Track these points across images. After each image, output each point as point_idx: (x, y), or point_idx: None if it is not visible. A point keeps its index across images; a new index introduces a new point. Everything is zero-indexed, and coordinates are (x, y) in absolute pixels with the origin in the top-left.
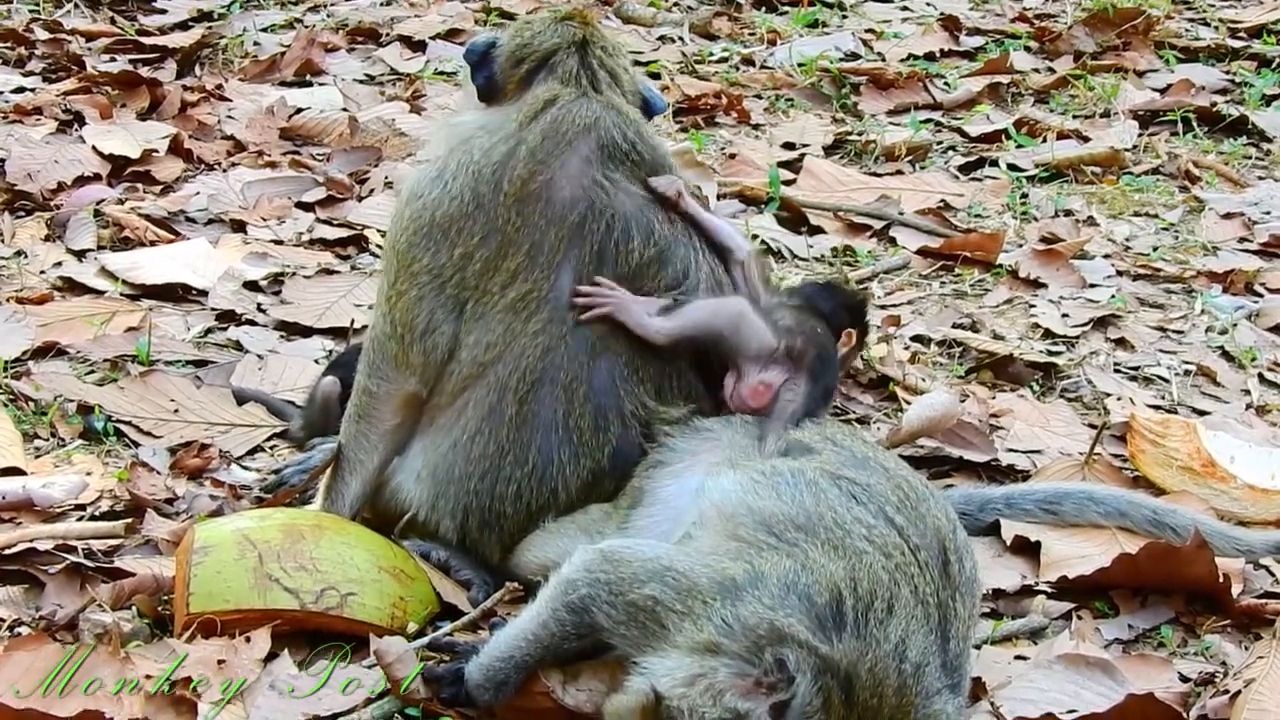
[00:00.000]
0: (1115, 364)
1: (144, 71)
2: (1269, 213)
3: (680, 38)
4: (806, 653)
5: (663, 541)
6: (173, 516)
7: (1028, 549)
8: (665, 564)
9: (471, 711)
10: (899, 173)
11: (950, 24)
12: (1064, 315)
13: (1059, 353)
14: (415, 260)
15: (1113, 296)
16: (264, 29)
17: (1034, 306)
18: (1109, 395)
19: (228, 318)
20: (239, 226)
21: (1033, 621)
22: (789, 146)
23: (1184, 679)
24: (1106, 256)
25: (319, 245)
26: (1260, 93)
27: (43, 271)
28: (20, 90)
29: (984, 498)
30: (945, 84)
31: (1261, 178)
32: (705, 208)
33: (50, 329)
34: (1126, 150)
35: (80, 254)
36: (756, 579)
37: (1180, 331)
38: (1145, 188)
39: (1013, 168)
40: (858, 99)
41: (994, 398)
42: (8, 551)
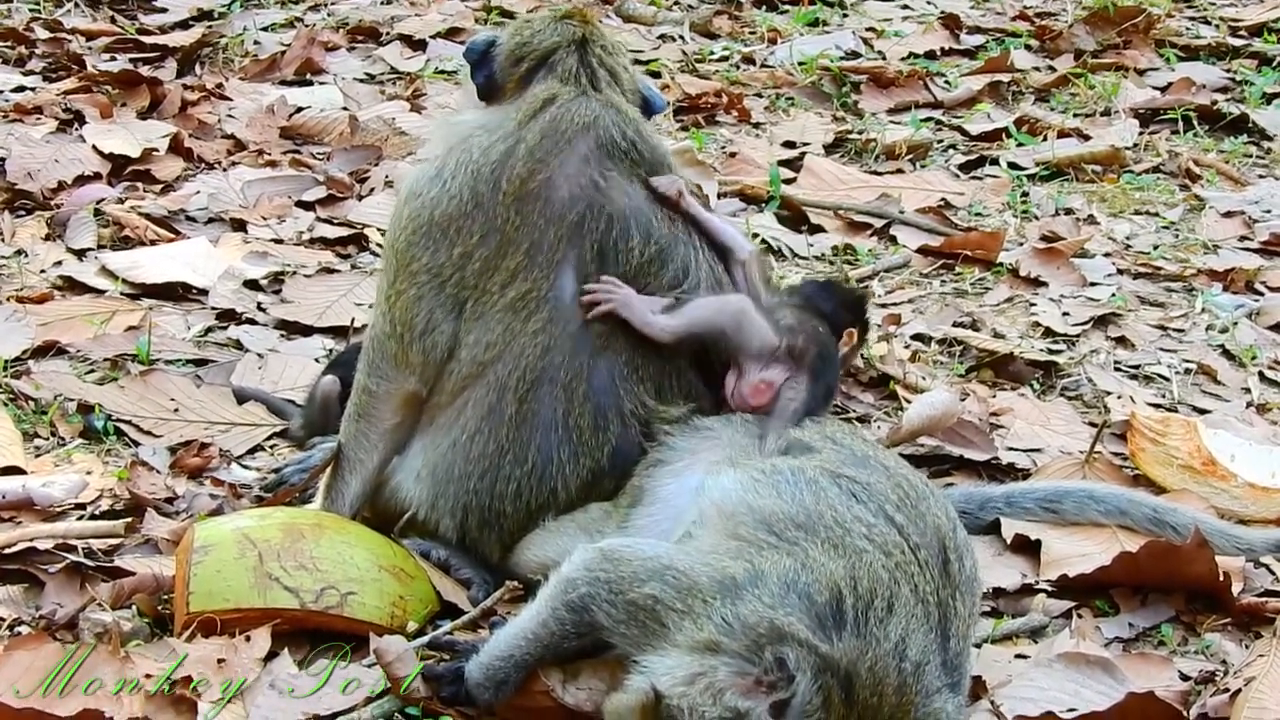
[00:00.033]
0: (1116, 362)
1: (144, 70)
2: (1269, 211)
3: (681, 36)
4: (806, 651)
5: (663, 540)
6: (173, 515)
7: (1028, 547)
8: (665, 563)
9: (471, 710)
10: (899, 171)
11: (951, 22)
12: (1064, 314)
13: (1059, 351)
14: (414, 259)
15: (1113, 295)
16: (264, 28)
17: (1034, 305)
18: (1109, 394)
19: (228, 317)
20: (239, 225)
21: (1033, 620)
22: (789, 145)
23: (1184, 677)
24: (1107, 255)
25: (319, 244)
26: (1261, 91)
27: (43, 271)
28: (20, 89)
29: (984, 496)
30: (946, 82)
31: (1262, 176)
32: (706, 206)
33: (50, 328)
34: (1127, 148)
35: (80, 253)
36: (756, 578)
37: (1181, 330)
38: (1146, 186)
39: (1013, 166)
40: (858, 97)
41: (994, 396)
42: (8, 551)
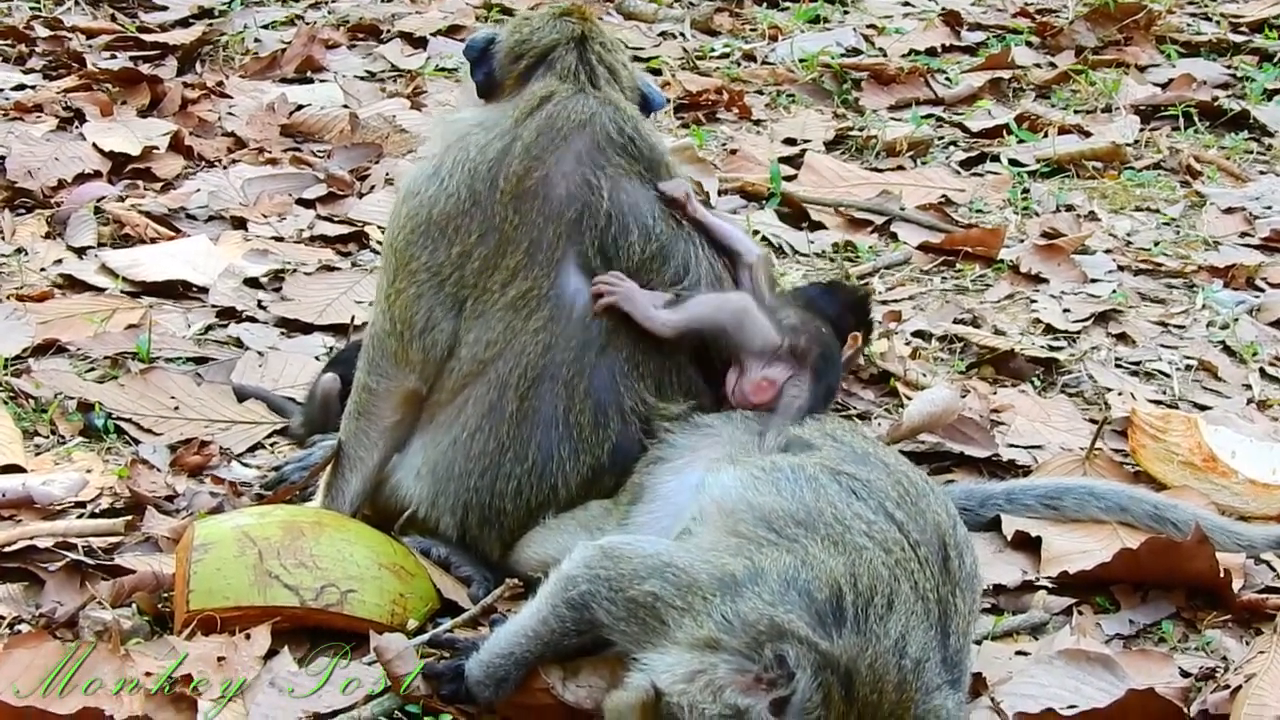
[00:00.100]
0: (1116, 359)
1: (144, 68)
2: (1270, 207)
3: (681, 33)
4: (806, 649)
5: (663, 538)
6: (173, 514)
7: (1028, 544)
8: (665, 560)
9: (472, 708)
10: (900, 168)
11: (951, 19)
12: (1065, 310)
13: (1060, 348)
14: (414, 258)
15: (1114, 291)
16: (265, 26)
17: (1035, 302)
18: (1110, 390)
19: (228, 315)
20: (239, 223)
21: (1033, 617)
22: (790, 142)
23: (1185, 674)
24: (1108, 251)
25: (320, 242)
26: (1261, 87)
27: (43, 269)
28: (21, 87)
29: (985, 493)
30: (946, 79)
31: (1263, 172)
32: (707, 204)
33: (50, 326)
34: (1128, 145)
35: (81, 251)
36: (756, 575)
37: (1181, 326)
38: (1146, 183)
39: (1014, 163)
40: (859, 94)
41: (995, 393)
42: (8, 549)
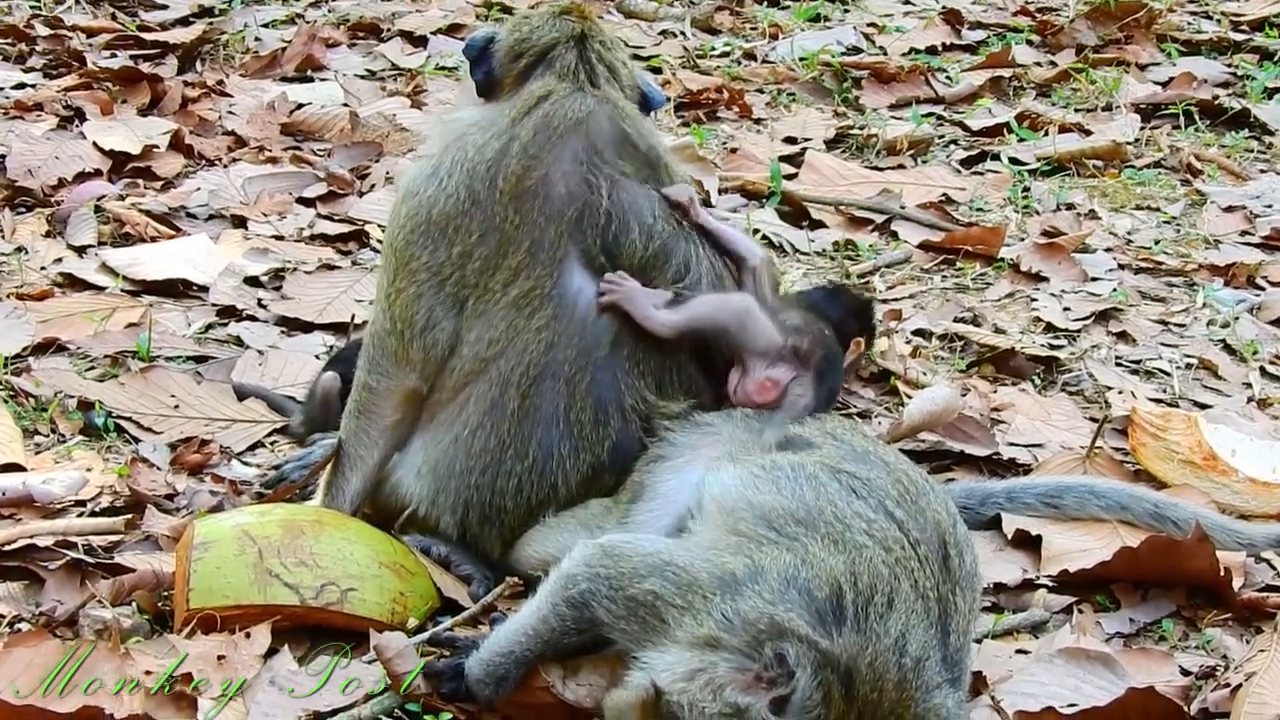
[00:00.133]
0: (1117, 357)
1: (145, 67)
2: (1270, 206)
3: (682, 32)
4: (806, 647)
5: (663, 536)
6: (173, 512)
7: (1029, 543)
8: (665, 559)
9: (471, 706)
10: (900, 167)
11: (952, 18)
12: (1065, 309)
13: (1060, 346)
14: (414, 258)
15: (1114, 290)
16: (265, 24)
17: (1035, 300)
18: (1110, 389)
19: (228, 313)
20: (240, 222)
21: (1034, 615)
22: (790, 141)
23: (1185, 672)
24: (1108, 250)
25: (320, 241)
26: (1262, 86)
27: (43, 268)
28: (21, 86)
29: (985, 492)
30: (947, 78)
31: (1263, 171)
32: (707, 203)
33: (51, 325)
34: (1128, 144)
35: (81, 250)
36: (756, 573)
37: (1182, 325)
38: (1147, 181)
39: (1014, 161)
40: (859, 93)
41: (995, 391)
42: (8, 548)
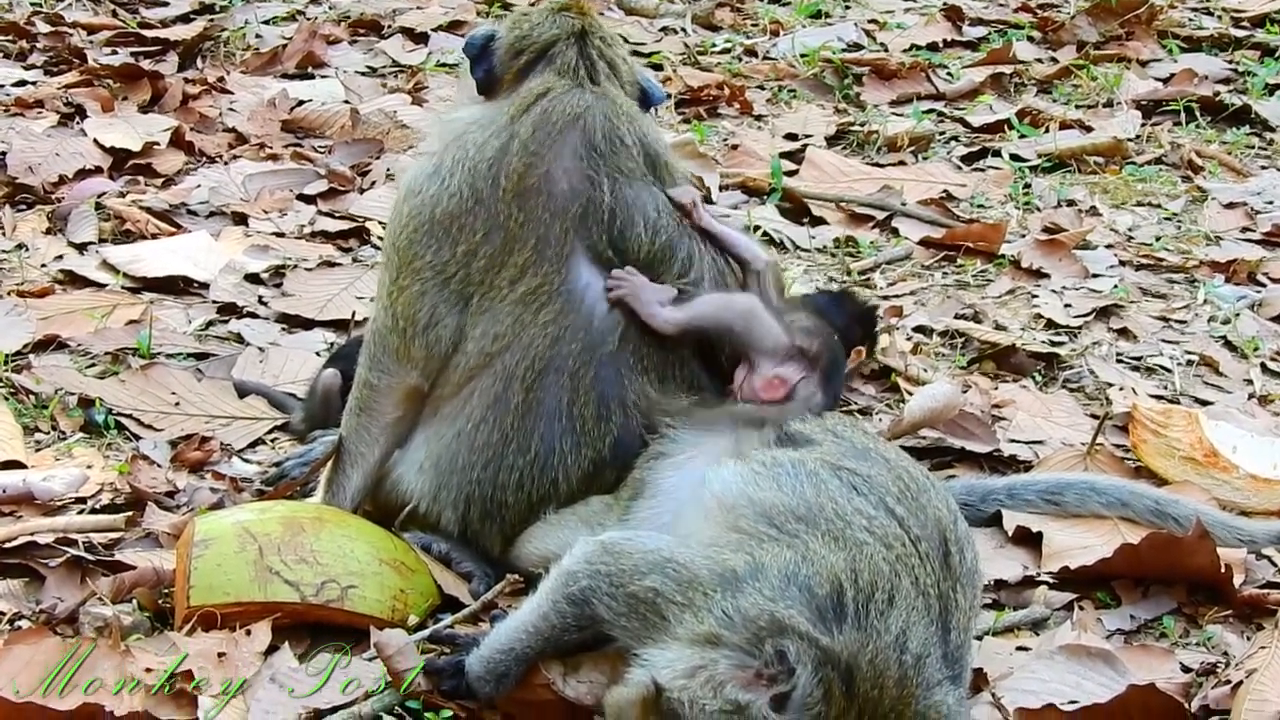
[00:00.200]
0: (1118, 354)
1: (145, 64)
2: (1272, 202)
3: (683, 29)
4: (807, 644)
5: (663, 533)
6: (173, 509)
7: (1029, 540)
8: (666, 556)
9: (472, 704)
10: (901, 163)
11: (953, 14)
12: (1066, 305)
13: (1061, 343)
14: (417, 257)
15: (1115, 286)
16: (265, 21)
17: (1036, 297)
18: (1111, 385)
19: (229, 310)
20: (240, 219)
21: (1034, 612)
22: (791, 137)
23: (1186, 669)
24: (1109, 246)
25: (320, 238)
26: (1263, 82)
27: (44, 265)
28: (22, 83)
29: (986, 488)
30: (948, 74)
31: (1264, 167)
32: (708, 200)
33: (51, 322)
34: (1129, 140)
35: (81, 247)
36: (757, 570)
37: (1183, 321)
38: (1148, 177)
39: (1015, 158)
40: (860, 89)
41: (996, 388)
42: (8, 545)
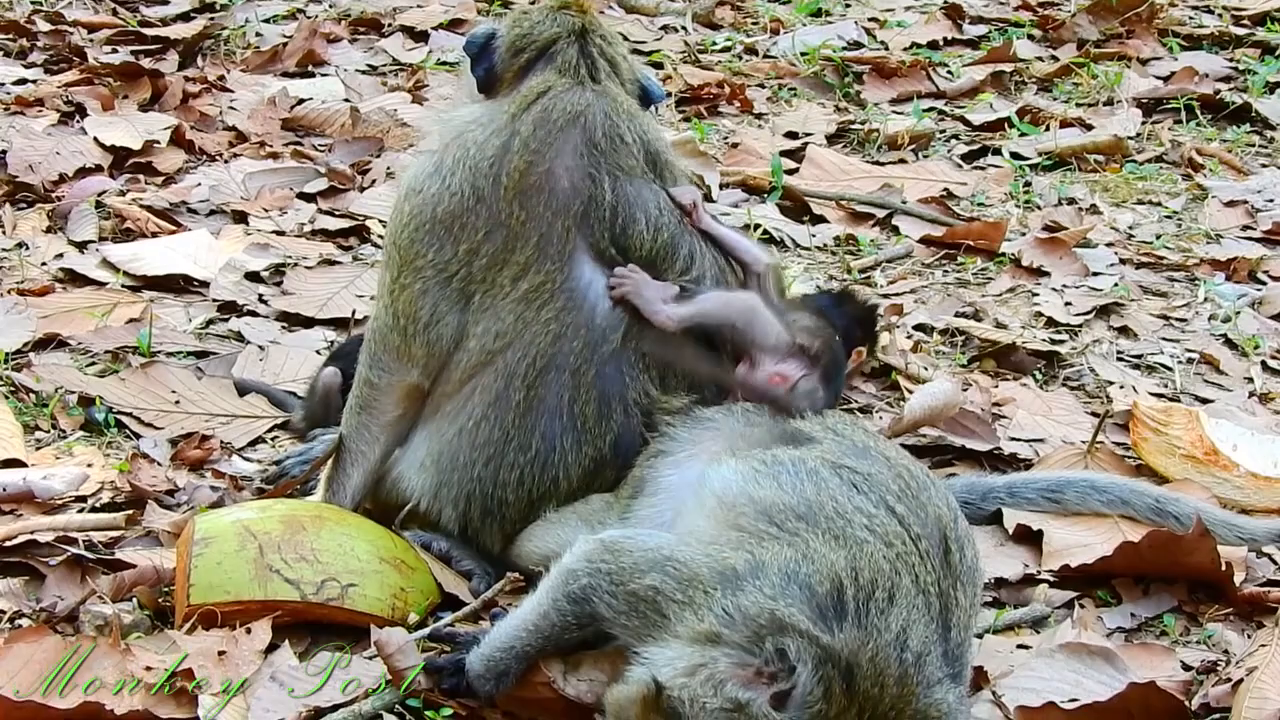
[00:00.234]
0: (1118, 352)
1: (146, 63)
2: (1272, 200)
3: (683, 27)
4: (807, 642)
5: (664, 531)
6: (173, 508)
7: (1030, 538)
8: (666, 554)
9: (472, 702)
10: (902, 161)
11: (953, 12)
12: (1067, 303)
13: (1062, 341)
14: (419, 255)
15: (1116, 285)
16: (266, 20)
17: (1037, 295)
18: (1112, 383)
19: (229, 309)
20: (240, 217)
21: (1035, 610)
22: (792, 135)
23: (1186, 667)
24: (1109, 245)
25: (321, 236)
26: (1264, 80)
27: (44, 263)
28: (22, 82)
29: (986, 486)
30: (948, 72)
31: (1265, 165)
32: (709, 198)
33: (51, 320)
34: (1130, 138)
35: (81, 245)
36: (757, 569)
37: (1183, 320)
38: (1148, 176)
39: (1016, 156)
40: (860, 88)
41: (996, 386)
42: (8, 543)
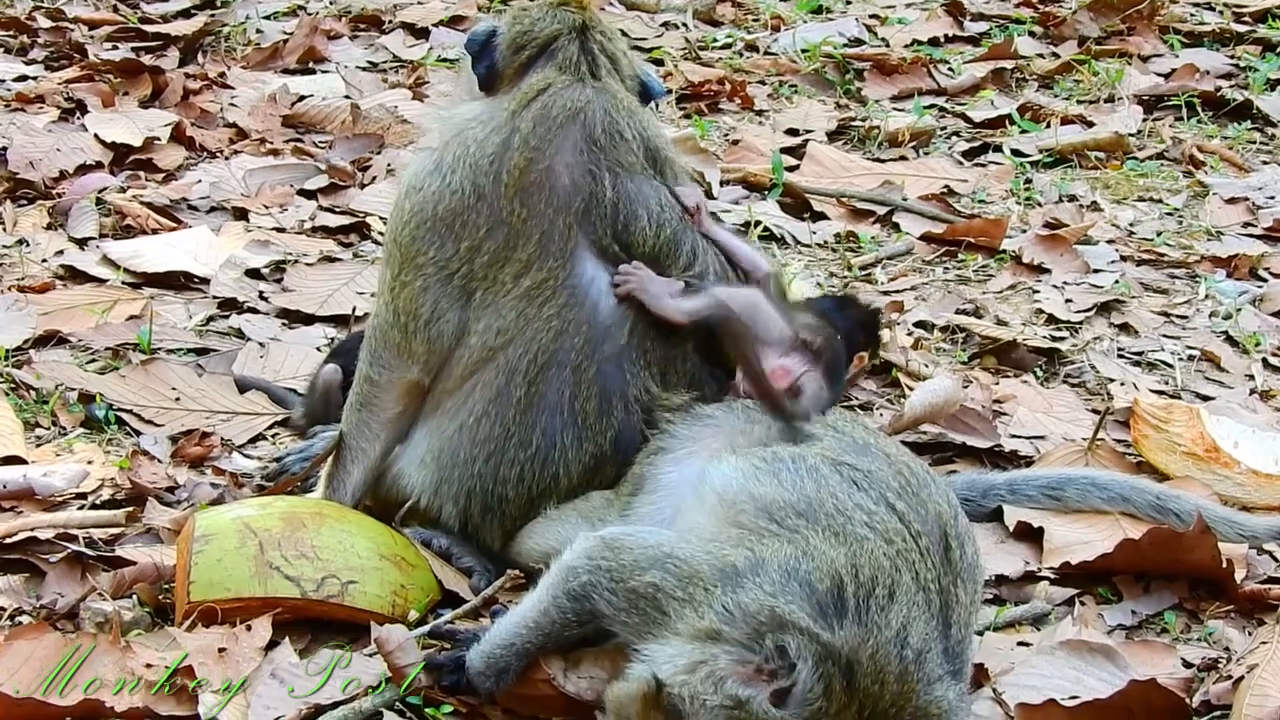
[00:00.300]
0: (1119, 349)
1: (146, 59)
2: (1273, 197)
3: (684, 24)
4: (807, 639)
5: (664, 529)
6: (174, 505)
7: (1030, 535)
8: (666, 551)
9: (473, 699)
10: (902, 158)
11: (954, 9)
12: (1067, 301)
13: (1062, 338)
14: (420, 253)
15: (1116, 282)
16: (266, 16)
17: (1037, 292)
18: (1112, 381)
19: (229, 305)
20: (241, 214)
21: (1035, 608)
22: (792, 132)
23: (1187, 665)
24: (1110, 242)
25: (321, 233)
26: (1265, 77)
27: (44, 260)
28: (22, 78)
29: (987, 484)
30: (949, 69)
31: (1266, 162)
32: (709, 194)
33: (52, 317)
34: (1130, 135)
35: (82, 242)
36: (757, 566)
37: (1184, 317)
38: (1149, 173)
39: (1016, 153)
40: (861, 85)
41: (997, 383)
42: (9, 540)
